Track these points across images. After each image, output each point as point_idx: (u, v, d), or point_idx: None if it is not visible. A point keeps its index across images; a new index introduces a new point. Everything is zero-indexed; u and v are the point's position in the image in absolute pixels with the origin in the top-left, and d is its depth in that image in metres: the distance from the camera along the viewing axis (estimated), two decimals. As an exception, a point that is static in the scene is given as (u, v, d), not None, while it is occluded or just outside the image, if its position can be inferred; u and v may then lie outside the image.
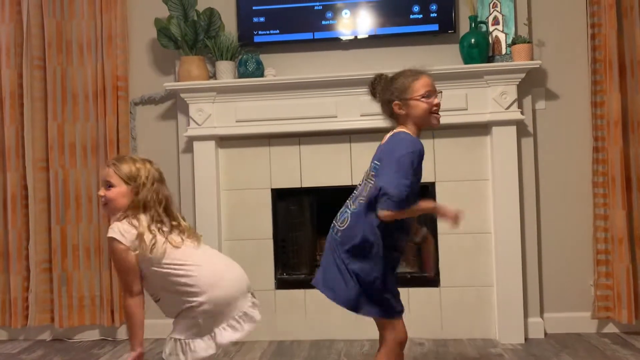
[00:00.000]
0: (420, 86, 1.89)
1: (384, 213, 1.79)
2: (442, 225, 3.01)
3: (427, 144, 2.97)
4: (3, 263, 3.26)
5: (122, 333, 3.22)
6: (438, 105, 1.91)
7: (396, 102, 1.91)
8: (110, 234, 1.80)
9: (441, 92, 1.93)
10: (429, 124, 1.94)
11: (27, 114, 3.17)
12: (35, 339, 3.27)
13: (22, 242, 3.21)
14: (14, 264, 3.19)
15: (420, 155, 1.85)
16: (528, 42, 2.89)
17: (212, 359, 1.85)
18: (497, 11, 2.97)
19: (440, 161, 3.01)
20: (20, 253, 3.21)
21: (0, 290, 3.25)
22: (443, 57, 3.03)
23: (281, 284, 3.14)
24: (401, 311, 1.92)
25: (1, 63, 3.19)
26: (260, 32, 3.10)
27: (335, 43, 3.09)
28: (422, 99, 1.88)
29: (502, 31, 2.97)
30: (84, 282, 3.18)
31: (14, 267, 3.19)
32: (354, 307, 1.89)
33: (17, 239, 3.20)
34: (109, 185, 1.85)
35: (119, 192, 1.84)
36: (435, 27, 3.01)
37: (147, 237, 1.79)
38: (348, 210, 1.91)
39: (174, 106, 3.22)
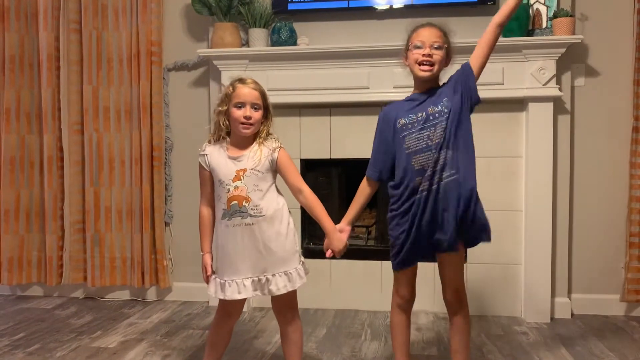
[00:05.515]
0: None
1: None
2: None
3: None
4: (39, 222, 3.36)
5: (151, 294, 3.32)
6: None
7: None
8: (279, 145, 1.93)
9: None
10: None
11: (63, 77, 3.22)
12: (69, 296, 3.39)
13: (57, 203, 3.30)
14: (49, 223, 3.29)
15: (381, 121, 2.05)
16: (570, 16, 2.79)
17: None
18: (540, -17, 2.88)
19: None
20: (55, 213, 3.30)
21: (36, 248, 3.37)
22: (481, 29, 2.88)
23: (308, 254, 3.16)
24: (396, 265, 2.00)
25: (39, 26, 3.24)
26: (294, 0, 3.06)
27: (370, 12, 3.04)
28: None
29: (544, 4, 2.87)
30: (116, 244, 3.27)
31: (50, 226, 3.29)
32: None
33: (52, 200, 3.29)
34: (257, 108, 1.87)
35: (261, 114, 1.89)
36: (474, -2, 2.93)
37: None
38: None
39: (207, 73, 3.23)
